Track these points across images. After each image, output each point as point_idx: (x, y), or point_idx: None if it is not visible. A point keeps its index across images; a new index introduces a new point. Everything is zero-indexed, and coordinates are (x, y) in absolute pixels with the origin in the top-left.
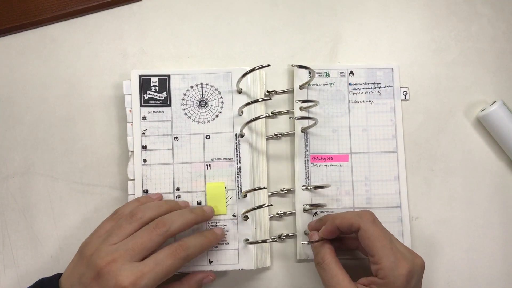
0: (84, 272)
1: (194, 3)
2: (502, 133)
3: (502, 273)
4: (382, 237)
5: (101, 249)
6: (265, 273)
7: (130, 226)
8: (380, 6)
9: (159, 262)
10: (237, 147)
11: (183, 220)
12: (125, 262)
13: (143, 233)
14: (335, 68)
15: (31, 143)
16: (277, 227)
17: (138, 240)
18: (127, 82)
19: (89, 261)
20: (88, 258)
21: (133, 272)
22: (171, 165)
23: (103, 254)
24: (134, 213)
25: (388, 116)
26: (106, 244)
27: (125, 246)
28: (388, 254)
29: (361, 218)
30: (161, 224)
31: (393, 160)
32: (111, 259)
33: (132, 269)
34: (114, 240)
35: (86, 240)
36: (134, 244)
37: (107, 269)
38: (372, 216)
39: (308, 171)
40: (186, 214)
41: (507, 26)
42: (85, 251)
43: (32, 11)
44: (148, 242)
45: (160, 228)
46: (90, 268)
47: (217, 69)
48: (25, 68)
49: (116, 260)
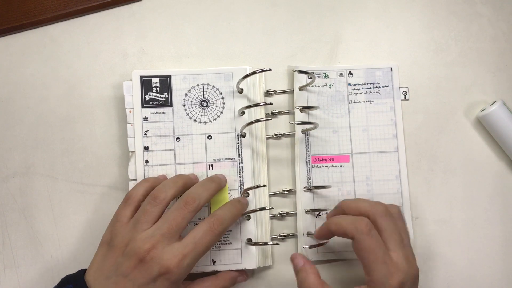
0: (121, 262)
1: (194, 3)
2: (502, 133)
3: (502, 273)
4: (375, 250)
5: (136, 237)
6: (266, 272)
7: (155, 209)
8: (380, 6)
9: (198, 240)
10: (239, 147)
11: (208, 191)
12: (165, 246)
13: (175, 213)
14: (334, 69)
15: (31, 143)
16: (279, 226)
17: (172, 222)
18: (127, 83)
19: (126, 251)
20: (122, 248)
21: (175, 255)
22: (173, 166)
23: (140, 242)
24: (155, 195)
25: (388, 115)
26: (138, 231)
27: (161, 230)
28: (379, 267)
29: (356, 229)
30: (191, 200)
31: (394, 159)
32: (150, 245)
33: (174, 252)
34: (144, 226)
35: (108, 231)
36: (169, 226)
37: (150, 256)
38: (367, 226)
39: (309, 172)
40: (208, 184)
41: (507, 26)
42: (116, 242)
43: (32, 11)
44: (182, 220)
45: (190, 204)
46: (129, 257)
47: (218, 69)
48: (25, 68)
49: (155, 246)
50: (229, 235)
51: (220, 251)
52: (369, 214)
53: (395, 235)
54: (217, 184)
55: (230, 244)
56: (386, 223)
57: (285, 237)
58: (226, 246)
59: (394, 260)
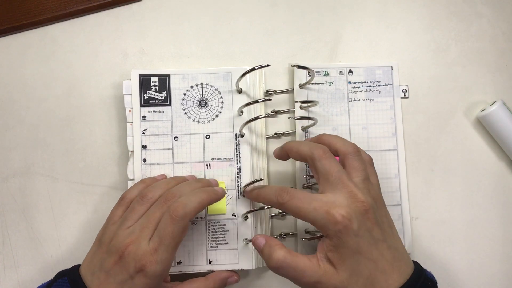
0: (105, 258)
1: (194, 3)
2: (502, 133)
3: (502, 273)
4: (299, 207)
5: (119, 233)
6: (265, 273)
7: (142, 207)
8: (380, 6)
9: (161, 233)
10: (237, 147)
11: (191, 188)
12: (140, 242)
13: (154, 209)
14: (334, 67)
15: (31, 143)
16: (278, 226)
17: (150, 217)
18: (127, 82)
19: (108, 247)
20: (107, 244)
21: (147, 251)
22: (171, 165)
23: (121, 238)
24: (144, 194)
25: (388, 114)
26: (122, 228)
27: (140, 226)
28: (314, 215)
29: (312, 153)
30: (170, 196)
31: (393, 157)
32: (129, 241)
33: (146, 248)
34: (129, 223)
35: (102, 229)
36: (147, 221)
37: (127, 252)
38: (324, 152)
39: (308, 170)
40: (193, 184)
41: (507, 26)
42: (104, 238)
43: (32, 11)
44: (160, 216)
45: (169, 200)
46: (110, 253)
47: (217, 69)
48: (25, 68)
49: (133, 242)
50: (225, 235)
51: (216, 251)
52: (338, 152)
53: (359, 171)
54: (202, 183)
55: (227, 244)
56: (354, 163)
57: (286, 236)
58: (223, 246)
59: (325, 200)
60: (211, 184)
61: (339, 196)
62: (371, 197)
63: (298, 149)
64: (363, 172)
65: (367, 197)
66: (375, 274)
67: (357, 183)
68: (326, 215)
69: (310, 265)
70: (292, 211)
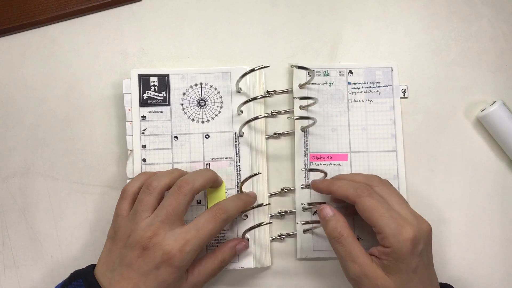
0: (125, 253)
1: (194, 3)
2: (502, 133)
3: (502, 273)
4: (378, 207)
5: (137, 227)
6: (265, 272)
7: (150, 197)
8: (380, 6)
9: (200, 227)
10: (236, 147)
11: (203, 177)
12: (166, 232)
13: (171, 199)
14: (334, 67)
15: (31, 143)
16: (278, 226)
17: (168, 208)
18: (127, 81)
19: (128, 242)
20: (124, 240)
21: (177, 240)
22: (170, 165)
23: (141, 231)
24: (149, 184)
25: (387, 115)
26: (138, 221)
27: (159, 217)
28: (388, 222)
29: (356, 193)
30: (184, 184)
31: (393, 159)
32: (151, 233)
33: (176, 237)
34: (143, 215)
35: (112, 226)
36: (166, 213)
37: (152, 243)
38: (368, 190)
39: (308, 170)
40: (203, 171)
41: (507, 26)
42: (118, 235)
43: (32, 11)
44: (178, 206)
45: (184, 187)
46: (132, 247)
47: (216, 69)
48: (25, 68)
49: (157, 233)
50: (226, 234)
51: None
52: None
53: (394, 196)
54: (212, 173)
55: None
56: (384, 189)
57: (285, 236)
58: None
59: (402, 215)
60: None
61: (409, 215)
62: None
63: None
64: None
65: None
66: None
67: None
68: (399, 228)
69: (365, 257)
70: (366, 209)
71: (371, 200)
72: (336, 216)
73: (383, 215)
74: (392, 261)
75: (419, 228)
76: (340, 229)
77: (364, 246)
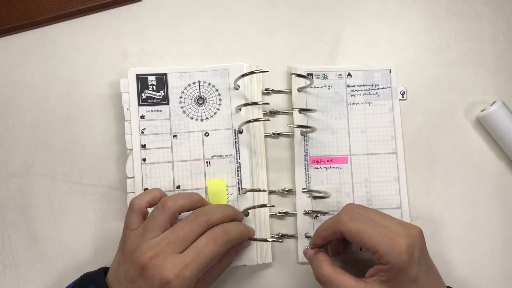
0: (128, 268)
1: (194, 3)
2: (502, 133)
3: (502, 273)
4: (364, 228)
5: (142, 245)
6: (266, 270)
7: (163, 216)
8: (380, 6)
9: (200, 250)
10: (236, 144)
11: (223, 212)
12: (167, 255)
13: (184, 225)
14: (333, 70)
15: (31, 143)
16: (278, 225)
17: (179, 232)
18: (124, 80)
19: (132, 258)
20: (130, 254)
21: (176, 265)
22: (170, 163)
23: (145, 250)
24: (164, 203)
25: (387, 117)
26: (145, 239)
27: (166, 239)
28: (378, 240)
29: (339, 222)
30: (202, 214)
31: (393, 161)
32: (153, 254)
33: (175, 262)
34: (152, 234)
35: (122, 238)
36: (176, 236)
37: (151, 264)
38: (346, 215)
39: (308, 174)
40: (224, 207)
41: (507, 26)
42: (126, 248)
43: (32, 11)
44: (189, 233)
45: (201, 217)
46: (134, 264)
47: (213, 66)
48: (25, 68)
49: (158, 255)
50: None
51: None
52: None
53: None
54: (233, 210)
55: None
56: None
57: (283, 237)
58: None
59: (389, 229)
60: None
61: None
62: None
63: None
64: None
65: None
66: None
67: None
68: (392, 243)
69: (356, 285)
70: (353, 234)
71: (355, 223)
72: (317, 256)
73: (372, 234)
74: (392, 276)
75: (410, 236)
76: (320, 268)
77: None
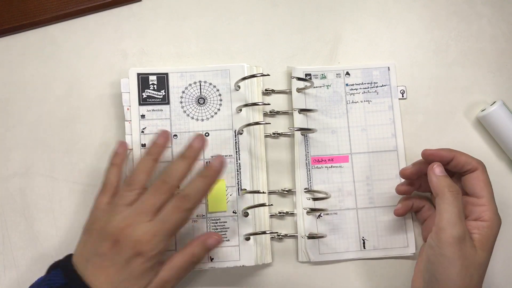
0: (98, 244)
1: (194, 3)
2: (502, 133)
3: (502, 273)
4: (491, 187)
5: (112, 219)
6: (266, 270)
7: (131, 193)
8: (380, 6)
9: (165, 219)
10: (236, 144)
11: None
12: (138, 224)
13: (149, 195)
14: (331, 69)
15: (31, 143)
16: (278, 225)
17: (146, 202)
18: (124, 80)
19: (102, 233)
20: (99, 230)
21: (145, 232)
22: None
23: (115, 223)
24: (129, 181)
25: (387, 114)
26: (114, 213)
27: (135, 211)
28: (494, 202)
29: (480, 164)
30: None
31: (394, 158)
32: (124, 225)
33: (144, 230)
34: (121, 208)
35: (89, 218)
36: (144, 207)
37: (123, 235)
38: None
39: (309, 173)
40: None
41: (507, 26)
42: (94, 226)
43: (32, 11)
44: (156, 202)
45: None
46: (105, 238)
47: (214, 66)
48: (25, 68)
49: (129, 225)
50: (226, 232)
51: (218, 248)
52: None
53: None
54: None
55: (228, 241)
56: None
57: (283, 237)
58: (224, 242)
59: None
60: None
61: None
62: None
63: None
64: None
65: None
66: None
67: None
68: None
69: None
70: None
71: (488, 177)
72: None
73: (492, 195)
74: (485, 235)
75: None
76: (457, 187)
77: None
